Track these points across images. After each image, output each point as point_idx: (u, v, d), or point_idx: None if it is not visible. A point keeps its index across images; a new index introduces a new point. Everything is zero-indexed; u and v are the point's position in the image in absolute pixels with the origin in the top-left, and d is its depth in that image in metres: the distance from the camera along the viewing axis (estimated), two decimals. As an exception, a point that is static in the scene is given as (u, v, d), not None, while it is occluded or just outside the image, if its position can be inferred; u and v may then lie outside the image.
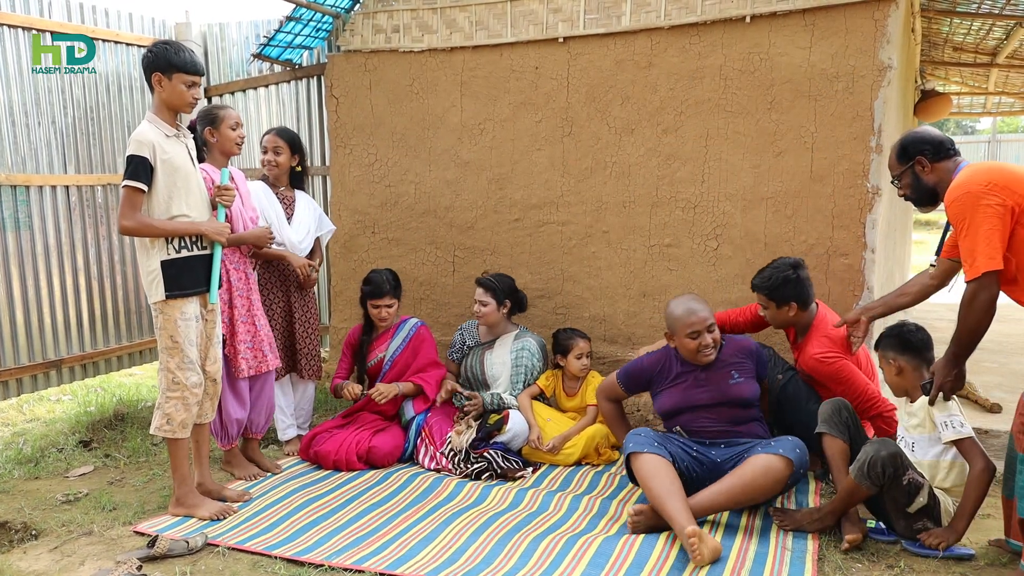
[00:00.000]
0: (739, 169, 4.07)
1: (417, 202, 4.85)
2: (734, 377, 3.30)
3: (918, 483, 2.80)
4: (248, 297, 3.62)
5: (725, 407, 3.27)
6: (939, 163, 2.79)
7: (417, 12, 4.72)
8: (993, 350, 5.51)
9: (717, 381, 3.29)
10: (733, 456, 3.14)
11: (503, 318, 4.17)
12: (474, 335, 4.30)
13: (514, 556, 2.81)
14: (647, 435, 3.16)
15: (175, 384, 3.11)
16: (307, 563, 2.77)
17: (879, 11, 3.71)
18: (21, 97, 4.41)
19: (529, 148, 4.54)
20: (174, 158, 3.06)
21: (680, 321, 3.26)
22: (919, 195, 2.87)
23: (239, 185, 3.61)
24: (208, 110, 3.53)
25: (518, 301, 4.23)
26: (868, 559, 2.78)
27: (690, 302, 3.31)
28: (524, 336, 4.18)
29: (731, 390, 3.27)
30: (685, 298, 3.36)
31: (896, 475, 2.77)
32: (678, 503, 2.87)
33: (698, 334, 3.23)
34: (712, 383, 3.29)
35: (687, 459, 3.16)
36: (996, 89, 8.45)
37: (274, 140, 4.02)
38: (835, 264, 3.91)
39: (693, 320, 3.23)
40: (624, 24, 4.23)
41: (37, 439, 4.36)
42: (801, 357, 3.43)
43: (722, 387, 3.28)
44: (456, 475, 3.66)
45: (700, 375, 3.31)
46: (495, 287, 4.12)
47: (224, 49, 5.57)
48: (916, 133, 2.85)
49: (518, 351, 4.11)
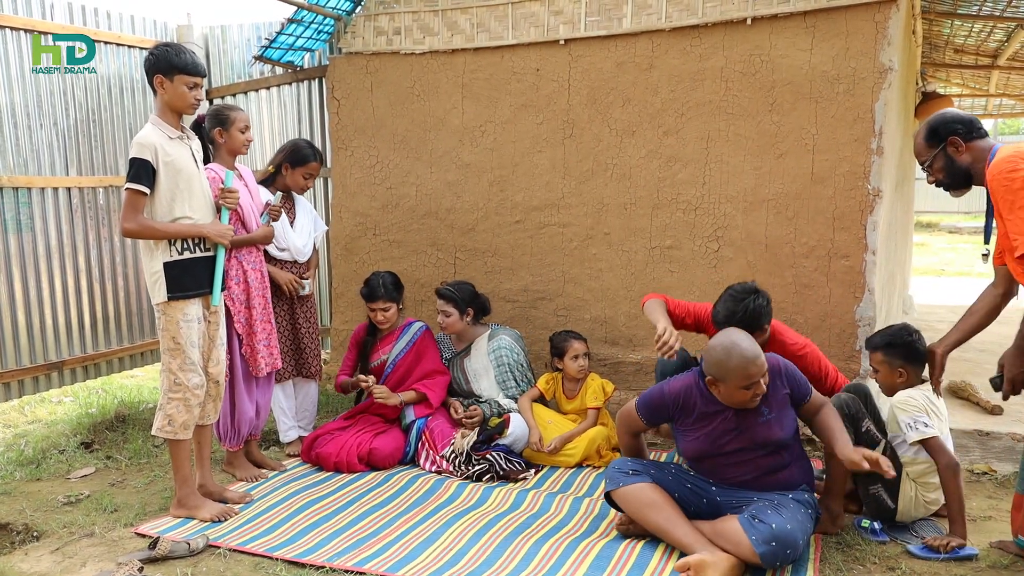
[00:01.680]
0: (740, 171, 4.07)
1: (418, 204, 4.86)
2: (764, 415, 2.81)
3: (875, 437, 2.88)
4: (264, 296, 3.64)
5: (758, 454, 2.84)
6: (973, 142, 2.64)
7: (418, 14, 4.73)
8: (994, 352, 5.48)
9: (747, 423, 2.82)
10: (732, 502, 2.85)
11: (469, 325, 4.15)
12: (449, 345, 4.30)
13: (515, 559, 2.81)
14: (622, 466, 2.93)
15: (177, 385, 3.11)
16: (308, 565, 2.77)
17: (880, 13, 3.71)
18: (23, 99, 4.42)
19: (530, 150, 4.54)
20: (177, 160, 3.06)
21: (736, 372, 2.69)
22: (953, 178, 2.70)
23: (248, 182, 3.63)
24: (219, 110, 3.55)
25: (481, 306, 4.18)
26: (869, 561, 2.77)
27: (745, 346, 2.72)
28: (497, 334, 4.17)
29: (760, 432, 2.81)
30: (735, 338, 2.76)
31: (855, 418, 2.86)
32: (683, 527, 2.73)
33: (755, 384, 2.73)
34: (742, 427, 2.82)
35: (682, 490, 2.89)
36: (997, 91, 8.46)
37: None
38: (836, 266, 3.91)
39: (753, 371, 2.69)
40: (625, 26, 4.23)
41: (38, 441, 4.36)
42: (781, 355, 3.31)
43: (752, 430, 2.82)
44: (457, 477, 3.66)
45: (728, 416, 2.84)
46: (455, 297, 4.07)
47: (226, 51, 5.58)
48: (945, 114, 2.72)
49: (495, 351, 4.10)
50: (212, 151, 3.53)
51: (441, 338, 4.32)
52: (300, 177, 4.00)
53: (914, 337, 3.06)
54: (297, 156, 3.97)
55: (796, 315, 3.87)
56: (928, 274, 10.84)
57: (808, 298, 3.97)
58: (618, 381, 4.32)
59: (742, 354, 2.69)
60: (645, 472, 2.90)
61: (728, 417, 2.84)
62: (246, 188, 3.58)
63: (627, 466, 2.93)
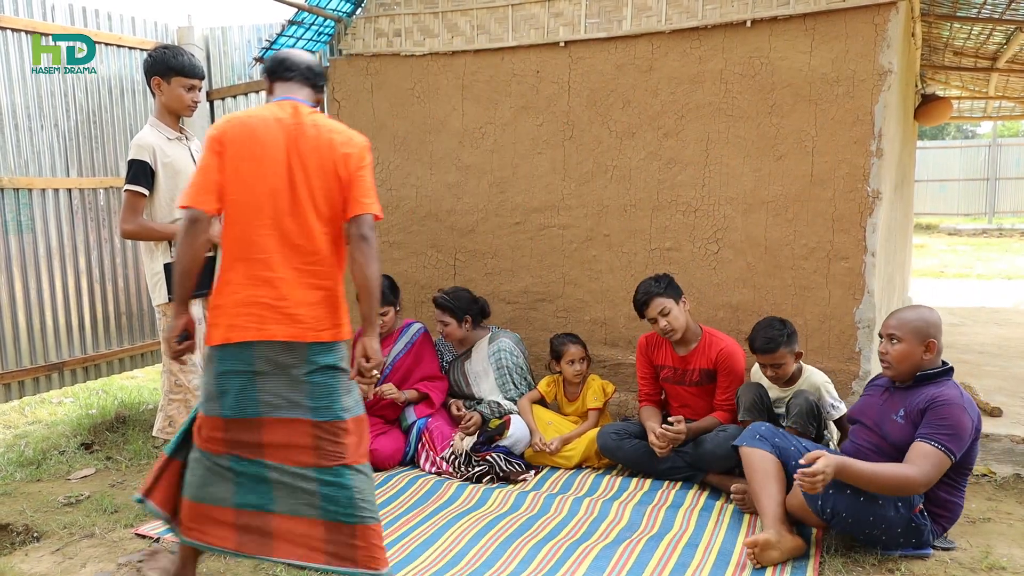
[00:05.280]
0: (740, 173, 4.08)
1: (418, 206, 4.86)
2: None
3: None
4: None
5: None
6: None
7: (419, 16, 4.74)
8: (994, 354, 5.51)
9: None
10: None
11: (468, 331, 4.16)
12: (450, 348, 4.31)
13: (515, 560, 2.82)
14: (754, 430, 3.09)
15: (178, 387, 3.12)
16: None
17: (879, 16, 3.72)
18: (24, 100, 4.43)
19: (530, 152, 4.55)
20: (176, 161, 3.07)
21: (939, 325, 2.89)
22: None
23: None
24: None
25: (479, 310, 4.20)
26: (870, 564, 2.78)
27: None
28: (498, 337, 4.17)
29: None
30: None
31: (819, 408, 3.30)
32: (770, 503, 2.85)
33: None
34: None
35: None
36: (996, 93, 8.46)
37: None
38: (835, 268, 3.91)
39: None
40: (625, 28, 4.24)
41: (39, 441, 4.37)
42: (716, 357, 3.63)
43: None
44: (457, 478, 3.67)
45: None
46: (451, 306, 4.08)
47: (226, 53, 5.58)
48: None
49: (496, 354, 4.11)
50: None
51: (441, 340, 4.33)
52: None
53: (788, 325, 3.40)
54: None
55: (795, 317, 3.87)
56: (928, 276, 10.84)
57: (807, 300, 3.97)
58: (618, 382, 4.32)
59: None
60: (767, 441, 3.01)
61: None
62: None
63: (759, 431, 3.06)
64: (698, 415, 3.69)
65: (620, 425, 3.79)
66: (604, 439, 3.74)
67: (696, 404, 3.73)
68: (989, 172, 19.20)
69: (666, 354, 3.76)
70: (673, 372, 3.74)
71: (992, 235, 16.27)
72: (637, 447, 3.65)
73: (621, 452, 3.68)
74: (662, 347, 3.79)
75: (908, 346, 2.81)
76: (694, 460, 3.53)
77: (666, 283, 3.64)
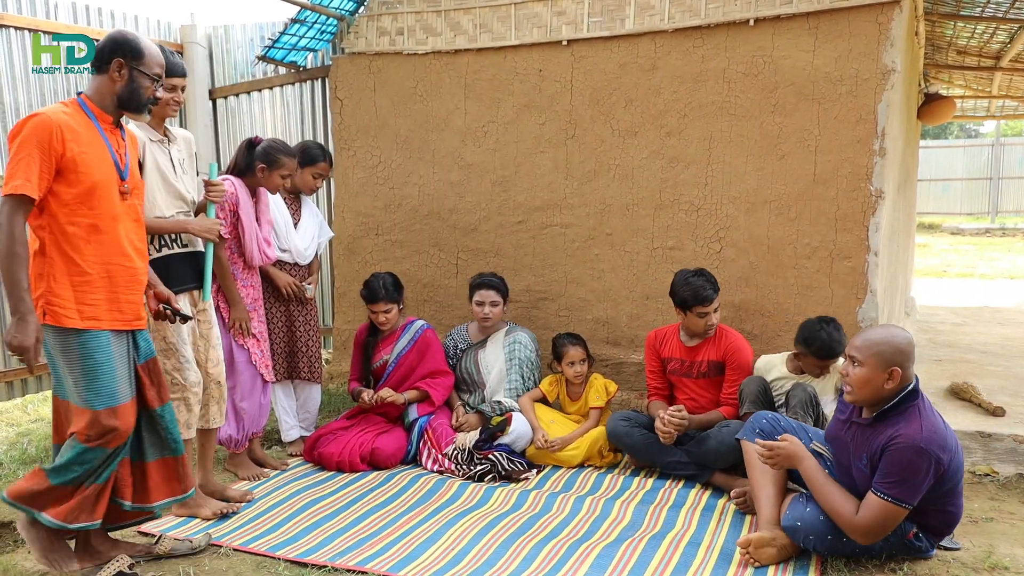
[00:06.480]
0: (742, 172, 4.08)
1: (421, 204, 4.86)
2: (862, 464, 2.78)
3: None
4: (256, 311, 3.68)
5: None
6: None
7: (421, 15, 4.74)
8: (996, 353, 5.50)
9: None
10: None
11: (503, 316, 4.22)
12: (465, 337, 4.31)
13: (517, 559, 2.82)
14: (755, 423, 3.11)
15: (175, 385, 3.11)
16: (310, 564, 2.77)
17: (883, 15, 3.71)
18: (27, 99, 4.43)
19: (533, 151, 4.55)
20: (159, 162, 3.08)
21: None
22: None
23: (260, 198, 3.67)
24: (271, 150, 3.57)
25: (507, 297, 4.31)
26: (872, 564, 2.77)
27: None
28: (515, 330, 4.20)
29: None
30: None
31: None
32: (767, 501, 2.87)
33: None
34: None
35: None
36: (1000, 93, 8.44)
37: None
38: (838, 267, 3.91)
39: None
40: (628, 27, 4.23)
41: (41, 439, 4.37)
42: (727, 349, 3.69)
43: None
44: (459, 476, 3.67)
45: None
46: (502, 287, 4.17)
47: (229, 51, 5.59)
48: None
49: (511, 345, 4.13)
50: (247, 173, 3.59)
51: (457, 331, 4.34)
52: (309, 177, 4.02)
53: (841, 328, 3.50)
54: (307, 156, 3.98)
55: (798, 316, 3.86)
56: (930, 275, 10.83)
57: (810, 299, 3.97)
58: (620, 382, 4.32)
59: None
60: (768, 436, 3.00)
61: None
62: (256, 204, 3.63)
63: (763, 421, 3.10)
64: (703, 409, 3.71)
65: (630, 413, 3.84)
66: (614, 424, 3.76)
67: (702, 397, 3.75)
68: (992, 171, 19.17)
69: (674, 346, 3.80)
70: (680, 364, 3.78)
71: (995, 235, 16.25)
72: (645, 436, 3.67)
73: (629, 439, 3.70)
74: (670, 340, 3.83)
75: (869, 371, 2.61)
76: (698, 457, 3.53)
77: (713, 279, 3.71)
